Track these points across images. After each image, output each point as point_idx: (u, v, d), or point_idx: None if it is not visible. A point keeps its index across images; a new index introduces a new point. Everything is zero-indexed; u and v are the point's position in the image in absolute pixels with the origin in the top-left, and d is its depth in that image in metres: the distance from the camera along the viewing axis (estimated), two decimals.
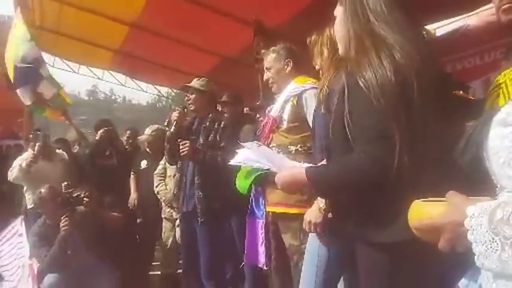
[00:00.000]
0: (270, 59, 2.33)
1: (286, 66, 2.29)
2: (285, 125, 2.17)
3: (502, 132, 0.80)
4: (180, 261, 3.35)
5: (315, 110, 1.89)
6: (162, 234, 3.82)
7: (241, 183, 1.73)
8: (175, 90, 10.50)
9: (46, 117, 5.54)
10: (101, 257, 3.15)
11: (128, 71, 8.60)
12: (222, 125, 2.95)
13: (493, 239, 0.70)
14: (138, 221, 4.13)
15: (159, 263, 4.03)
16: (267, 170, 1.42)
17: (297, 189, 1.33)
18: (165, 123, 4.70)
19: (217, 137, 2.91)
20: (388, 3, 1.19)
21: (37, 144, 4.02)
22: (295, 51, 2.36)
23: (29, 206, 4.18)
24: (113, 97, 28.80)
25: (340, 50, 1.31)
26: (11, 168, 4.09)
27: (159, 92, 10.75)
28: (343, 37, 1.27)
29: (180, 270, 3.43)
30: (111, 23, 6.05)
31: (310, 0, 4.35)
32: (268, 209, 2.24)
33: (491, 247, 0.70)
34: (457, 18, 4.31)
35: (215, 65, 6.62)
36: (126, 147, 4.83)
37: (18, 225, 4.80)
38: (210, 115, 3.01)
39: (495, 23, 0.99)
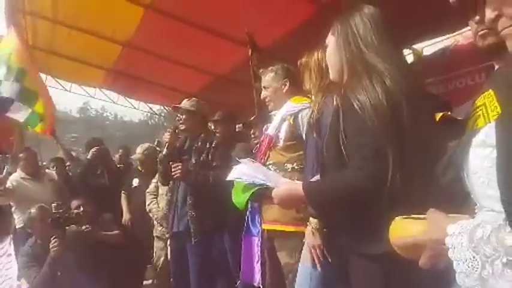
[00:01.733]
0: (268, 78, 2.38)
1: (283, 86, 2.34)
2: (281, 143, 2.20)
3: (482, 153, 0.84)
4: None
5: (306, 132, 1.93)
6: (154, 253, 3.78)
7: (239, 199, 1.73)
8: (167, 108, 10.54)
9: (37, 135, 5.50)
10: (92, 277, 3.10)
11: (120, 89, 8.63)
12: (213, 144, 2.97)
13: (473, 257, 0.72)
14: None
15: (150, 282, 3.98)
16: (264, 185, 1.45)
17: (294, 204, 1.37)
18: (155, 143, 4.74)
19: (209, 157, 2.93)
20: (377, 35, 1.29)
21: (5, 168, 4.03)
22: (292, 71, 2.42)
23: (17, 226, 4.13)
24: (105, 114, 28.74)
25: (332, 75, 1.40)
26: None
27: (151, 109, 10.77)
28: (335, 64, 1.36)
29: None
30: (104, 42, 6.11)
31: (301, 20, 4.47)
32: (264, 226, 2.24)
33: (472, 265, 0.72)
34: (444, 37, 4.44)
35: (207, 83, 6.70)
36: (119, 165, 4.83)
37: (7, 245, 4.72)
38: (202, 135, 3.03)
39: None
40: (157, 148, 4.47)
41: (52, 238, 2.98)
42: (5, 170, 4.04)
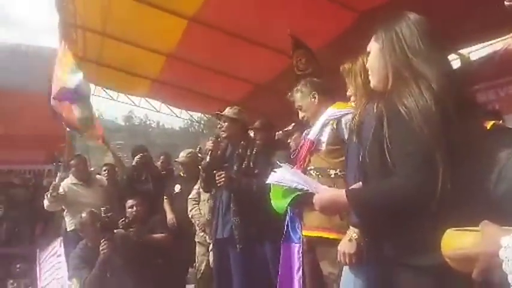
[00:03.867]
0: (297, 98, 2.42)
1: (313, 99, 2.36)
2: (323, 147, 2.20)
3: None
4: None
5: (348, 139, 1.92)
6: (196, 259, 3.87)
7: (279, 203, 1.73)
8: (207, 116, 10.78)
9: (85, 142, 5.80)
10: (138, 279, 3.23)
11: (163, 98, 8.95)
12: (254, 152, 3.02)
13: None
14: None
15: (193, 286, 4.07)
16: (305, 190, 1.46)
17: (336, 211, 1.36)
18: (197, 149, 4.87)
19: (251, 164, 2.98)
20: (423, 40, 1.26)
21: (58, 174, 4.27)
22: (317, 82, 2.44)
23: (68, 229, 4.37)
24: (148, 122, 29.83)
25: (373, 82, 1.37)
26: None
27: (191, 117, 11.04)
28: (379, 70, 1.34)
29: None
30: (150, 54, 6.39)
31: (340, 30, 4.46)
32: (305, 232, 2.21)
33: None
34: (493, 41, 4.25)
35: (247, 91, 6.81)
36: (162, 171, 5.00)
37: (57, 246, 5.01)
38: (242, 142, 3.09)
39: None
40: (199, 154, 4.61)
41: (102, 241, 3.14)
42: (57, 177, 4.31)
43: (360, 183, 1.39)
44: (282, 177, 1.54)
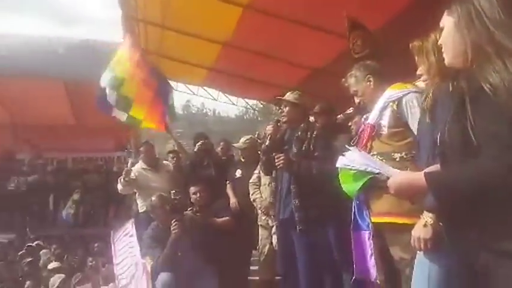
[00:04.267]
0: (352, 83, 2.37)
1: (368, 83, 2.30)
2: (385, 131, 2.14)
3: None
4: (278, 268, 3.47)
5: (419, 119, 1.85)
6: (259, 241, 3.99)
7: (349, 187, 1.70)
8: (262, 102, 10.86)
9: (150, 130, 6.13)
10: (206, 258, 3.41)
11: (220, 86, 9.15)
12: (314, 135, 3.02)
13: None
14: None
15: (257, 268, 4.20)
16: (377, 174, 1.43)
17: (413, 194, 1.32)
18: (256, 135, 4.95)
19: (311, 147, 2.99)
20: (505, 10, 1.17)
21: (129, 160, 4.53)
22: (371, 65, 2.37)
23: (140, 211, 4.70)
24: (204, 111, 30.67)
25: (448, 59, 1.30)
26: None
27: (247, 104, 11.18)
28: (455, 46, 1.26)
29: (278, 277, 3.56)
30: (206, 43, 6.55)
31: (399, 8, 4.25)
32: (374, 219, 2.16)
33: None
34: None
35: (303, 76, 6.75)
36: (222, 157, 5.16)
37: (129, 227, 5.40)
38: (302, 125, 3.10)
39: None
40: (258, 140, 4.69)
41: (172, 222, 3.35)
42: (129, 163, 4.62)
43: (436, 165, 1.33)
44: (352, 160, 1.53)
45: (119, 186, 4.57)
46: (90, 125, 9.23)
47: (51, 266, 4.90)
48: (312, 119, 3.46)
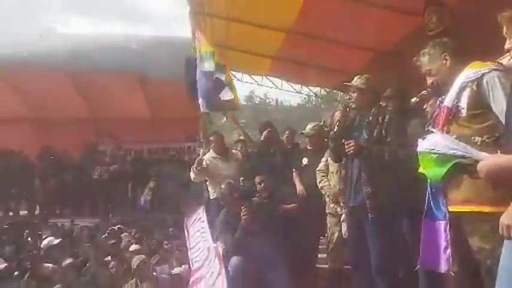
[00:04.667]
0: (425, 62, 2.20)
1: (444, 62, 2.13)
2: (463, 113, 2.00)
3: None
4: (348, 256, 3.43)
5: (508, 99, 1.69)
6: (327, 229, 3.96)
7: (432, 172, 1.61)
8: (326, 89, 10.66)
9: (216, 121, 6.35)
10: (275, 244, 3.48)
11: (284, 75, 9.15)
12: (386, 119, 2.91)
13: None
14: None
15: (325, 256, 4.19)
16: (464, 157, 1.35)
17: (504, 178, 1.22)
18: (322, 123, 4.87)
19: (383, 132, 2.88)
20: None
21: (201, 150, 4.71)
22: (448, 42, 2.18)
23: (211, 197, 4.90)
24: (267, 100, 30.89)
25: None
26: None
27: (310, 91, 11.02)
28: None
29: (348, 266, 3.52)
30: (270, 32, 6.56)
31: None
32: (452, 208, 2.03)
33: None
34: None
35: (370, 59, 6.49)
36: (288, 146, 5.18)
37: (201, 213, 5.68)
38: (373, 110, 2.99)
39: None
40: (325, 127, 4.63)
41: (242, 208, 3.46)
42: (201, 152, 4.83)
43: None
44: (435, 144, 1.45)
45: (192, 175, 4.80)
46: (163, 118, 9.81)
47: (132, 248, 5.32)
48: (382, 103, 3.32)
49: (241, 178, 3.79)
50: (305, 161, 4.49)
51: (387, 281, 2.80)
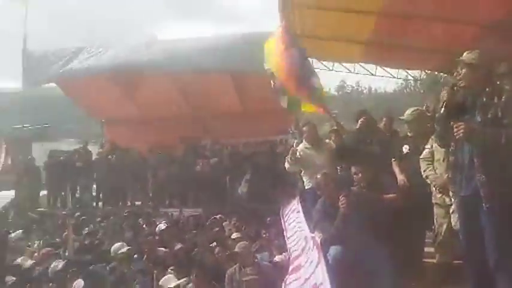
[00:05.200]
0: None
1: None
2: None
3: None
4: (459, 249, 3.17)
5: None
6: (434, 221, 3.71)
7: None
8: (427, 71, 9.89)
9: (308, 113, 6.33)
10: (376, 238, 3.37)
11: (378, 60, 8.73)
12: (503, 99, 2.59)
13: None
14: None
15: (432, 250, 3.93)
16: None
17: None
18: (424, 107, 4.54)
19: (498, 113, 2.58)
20: None
21: (294, 141, 4.72)
22: None
23: (306, 187, 4.94)
24: (360, 89, 29.68)
25: None
26: None
27: (408, 74, 10.33)
28: None
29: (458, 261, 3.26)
30: (359, 16, 6.32)
31: None
32: None
33: None
34: None
35: (473, 36, 5.83)
36: (386, 133, 4.96)
37: (296, 203, 5.75)
38: (487, 89, 2.69)
39: None
40: (428, 113, 4.31)
41: (340, 197, 3.42)
42: (294, 143, 4.90)
43: None
44: None
45: (286, 165, 4.89)
46: (255, 112, 10.14)
47: (234, 235, 5.63)
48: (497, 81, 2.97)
49: (338, 167, 3.73)
50: (406, 148, 4.25)
51: (507, 276, 2.52)
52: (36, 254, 5.86)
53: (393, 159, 4.30)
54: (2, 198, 11.14)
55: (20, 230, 7.23)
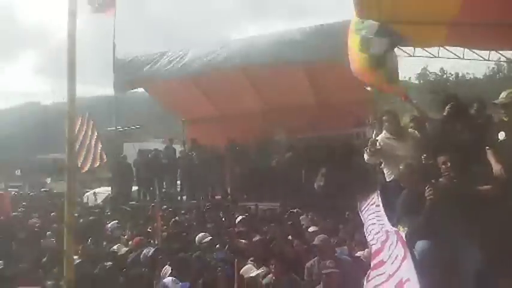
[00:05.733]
0: None
1: None
2: None
3: None
4: None
5: None
6: None
7: None
8: None
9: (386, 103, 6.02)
10: (467, 231, 3.10)
11: (465, 42, 7.94)
12: None
13: None
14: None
15: None
16: None
17: None
18: None
19: None
20: None
21: (374, 131, 4.49)
22: None
23: (387, 179, 4.70)
24: (444, 76, 27.35)
25: None
26: None
27: (502, 56, 9.25)
28: None
29: None
30: None
31: None
32: None
33: None
34: None
35: None
36: (478, 120, 4.53)
37: (375, 197, 5.51)
38: None
39: None
40: None
41: (426, 188, 3.20)
42: (373, 134, 4.69)
43: None
44: None
45: (365, 156, 4.71)
46: (329, 104, 9.92)
47: (311, 229, 5.58)
48: None
49: (423, 156, 3.48)
50: (501, 135, 3.86)
51: None
52: (130, 242, 6.39)
53: (487, 148, 3.92)
54: (102, 193, 12.47)
55: (115, 221, 7.94)
